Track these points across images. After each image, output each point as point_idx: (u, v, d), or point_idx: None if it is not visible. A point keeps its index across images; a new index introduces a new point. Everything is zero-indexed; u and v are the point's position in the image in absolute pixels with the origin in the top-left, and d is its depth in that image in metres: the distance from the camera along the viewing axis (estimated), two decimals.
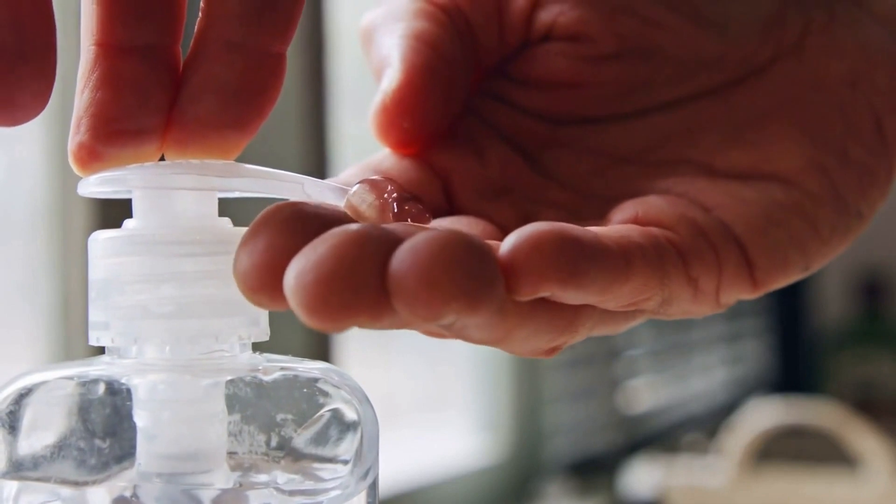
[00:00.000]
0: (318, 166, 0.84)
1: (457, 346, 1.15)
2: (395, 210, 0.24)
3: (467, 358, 1.16)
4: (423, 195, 0.27)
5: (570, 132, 0.29)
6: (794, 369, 1.94)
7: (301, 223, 0.21)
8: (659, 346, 1.54)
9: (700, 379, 1.68)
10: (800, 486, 1.09)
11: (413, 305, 0.19)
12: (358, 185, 0.24)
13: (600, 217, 0.27)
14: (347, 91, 0.91)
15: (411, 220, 0.24)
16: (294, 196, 0.25)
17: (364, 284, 0.20)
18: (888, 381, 1.85)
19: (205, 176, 0.24)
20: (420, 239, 0.20)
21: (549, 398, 1.22)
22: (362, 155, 0.29)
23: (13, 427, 0.25)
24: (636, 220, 0.26)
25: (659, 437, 1.42)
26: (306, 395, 0.25)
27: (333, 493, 0.25)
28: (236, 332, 0.24)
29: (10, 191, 0.70)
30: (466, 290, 0.19)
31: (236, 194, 0.25)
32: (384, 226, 0.22)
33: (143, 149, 0.24)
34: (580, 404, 1.31)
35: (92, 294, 0.25)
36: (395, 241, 0.20)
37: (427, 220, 0.24)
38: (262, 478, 0.25)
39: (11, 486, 0.25)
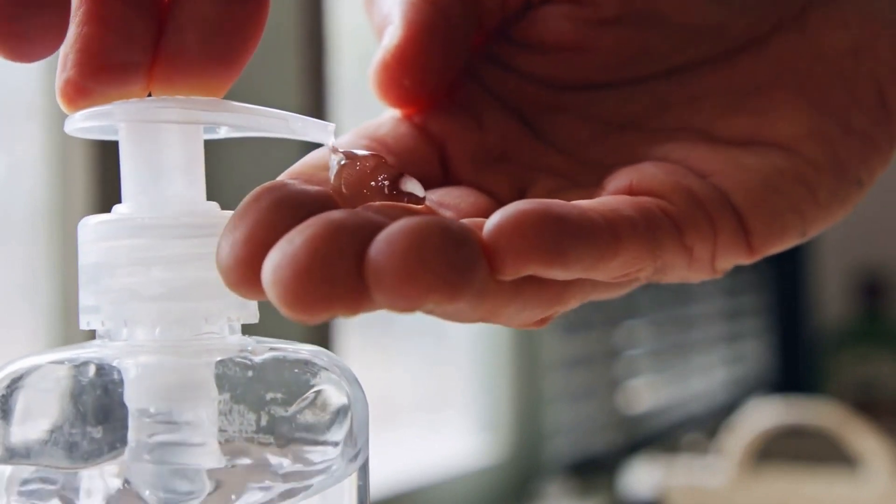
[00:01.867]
0: None
1: (457, 346, 1.15)
2: (388, 192, 0.24)
3: (467, 358, 1.16)
4: (418, 164, 0.27)
5: (570, 98, 0.29)
6: (794, 369, 1.94)
7: (282, 213, 0.21)
8: (659, 346, 1.54)
9: (700, 379, 1.68)
10: (800, 486, 1.09)
11: (391, 297, 0.19)
12: (344, 161, 0.24)
13: (598, 184, 0.27)
14: (347, 91, 0.91)
15: (406, 202, 0.24)
16: (278, 132, 0.25)
17: (340, 277, 0.20)
18: (888, 381, 1.85)
19: (190, 110, 0.24)
20: (396, 228, 0.20)
21: (549, 398, 1.22)
22: None
23: (5, 412, 0.25)
24: (630, 189, 0.26)
25: (659, 437, 1.42)
26: (296, 376, 0.26)
27: (323, 475, 0.25)
28: (226, 314, 0.25)
29: (10, 191, 0.70)
30: (445, 279, 0.19)
31: (223, 132, 0.25)
32: (363, 210, 0.22)
33: (129, 84, 0.24)
34: (580, 404, 1.31)
35: (82, 278, 0.25)
36: (372, 229, 0.20)
37: (421, 201, 0.24)
38: (253, 459, 0.25)
39: (4, 470, 0.25)
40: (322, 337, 0.77)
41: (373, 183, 0.23)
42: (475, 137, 0.29)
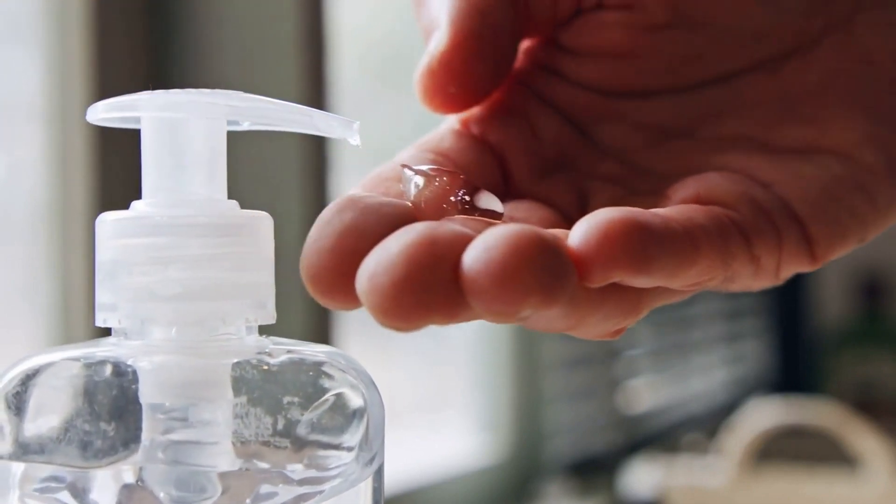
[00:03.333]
0: (318, 166, 0.83)
1: (457, 346, 1.15)
2: (467, 208, 0.24)
3: (467, 358, 1.16)
4: (481, 176, 0.27)
5: (623, 105, 0.29)
6: (794, 369, 1.94)
7: (369, 223, 0.22)
8: (659, 346, 1.54)
9: (700, 379, 1.68)
10: (800, 486, 1.09)
11: (490, 303, 0.20)
12: (421, 179, 0.24)
13: (656, 193, 0.27)
14: (347, 91, 0.91)
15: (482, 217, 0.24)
16: (302, 127, 0.25)
17: (438, 284, 0.20)
18: (888, 381, 1.85)
19: (215, 103, 0.24)
20: (492, 236, 0.20)
21: (549, 398, 1.22)
22: (362, 155, 0.29)
23: (19, 408, 0.25)
24: (697, 199, 0.26)
25: (659, 437, 1.42)
26: (312, 379, 0.25)
27: (338, 480, 0.25)
28: (243, 314, 0.25)
29: (10, 191, 0.70)
30: (542, 284, 0.20)
31: (245, 126, 0.25)
32: (449, 222, 0.22)
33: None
34: (580, 404, 1.31)
35: (99, 276, 0.25)
36: (464, 239, 0.20)
37: (500, 216, 0.24)
38: (268, 461, 0.25)
39: (17, 467, 0.25)
40: (322, 336, 0.77)
41: (452, 198, 0.24)
42: (533, 147, 0.29)
